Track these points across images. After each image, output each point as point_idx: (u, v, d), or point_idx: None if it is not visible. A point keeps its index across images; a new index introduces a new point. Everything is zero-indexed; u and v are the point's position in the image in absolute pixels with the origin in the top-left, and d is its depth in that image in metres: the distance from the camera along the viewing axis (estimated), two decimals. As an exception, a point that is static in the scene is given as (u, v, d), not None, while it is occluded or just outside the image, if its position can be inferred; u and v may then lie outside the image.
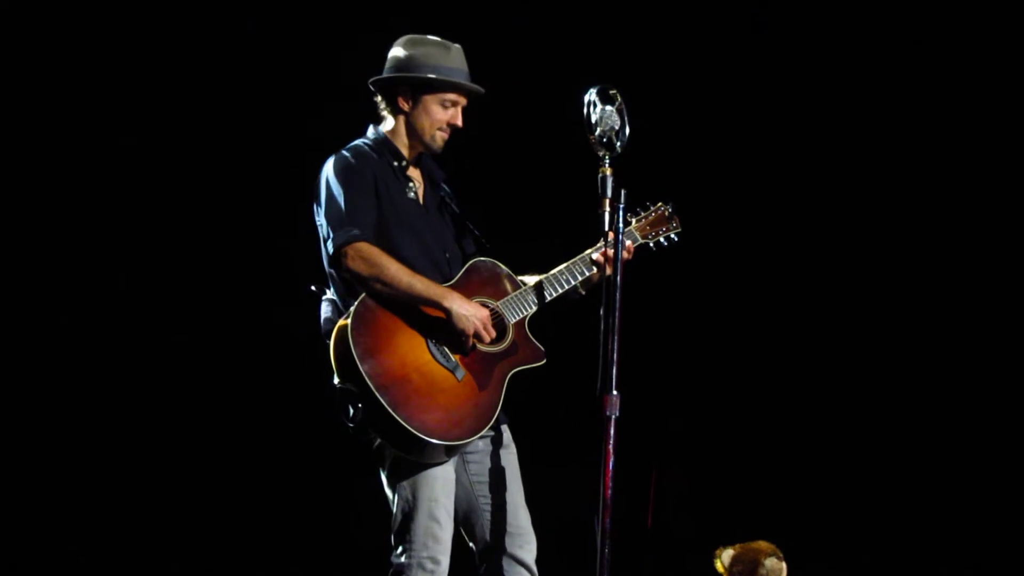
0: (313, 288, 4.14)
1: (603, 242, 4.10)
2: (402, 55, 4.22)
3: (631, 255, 4.36)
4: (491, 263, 4.26)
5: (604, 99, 3.90)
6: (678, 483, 6.28)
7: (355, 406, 3.93)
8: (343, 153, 4.20)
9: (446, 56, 4.21)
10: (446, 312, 4.02)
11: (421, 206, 4.26)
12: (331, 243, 4.04)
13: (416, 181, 4.29)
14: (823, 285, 6.46)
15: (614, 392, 3.75)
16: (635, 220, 4.44)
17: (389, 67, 4.25)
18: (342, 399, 3.97)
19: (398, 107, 4.24)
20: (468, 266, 4.22)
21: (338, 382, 3.97)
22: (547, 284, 4.23)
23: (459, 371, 4.04)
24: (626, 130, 3.89)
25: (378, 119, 4.31)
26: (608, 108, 3.89)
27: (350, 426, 3.96)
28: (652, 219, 4.46)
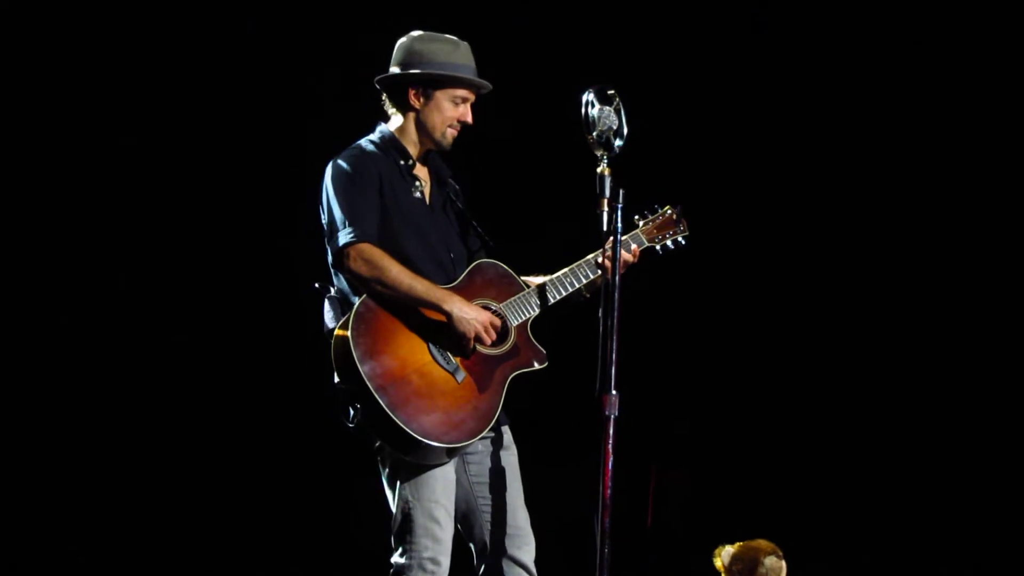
0: (316, 286, 4.12)
1: (608, 245, 4.01)
2: (412, 51, 4.16)
3: (637, 259, 4.33)
4: (495, 264, 4.23)
5: (602, 99, 3.89)
6: (678, 482, 6.28)
7: (354, 407, 3.92)
8: (349, 152, 4.16)
9: (456, 52, 4.18)
10: (447, 315, 4.00)
11: (427, 205, 4.23)
12: (334, 243, 4.02)
13: (422, 180, 4.25)
14: (824, 287, 6.46)
15: (613, 392, 3.73)
16: (642, 223, 4.40)
17: (398, 63, 4.19)
18: (342, 399, 3.96)
19: (408, 104, 4.19)
20: (472, 267, 4.19)
21: (338, 382, 3.96)
22: (551, 287, 4.20)
23: (459, 373, 4.02)
24: (624, 130, 3.88)
25: (385, 117, 4.27)
26: (606, 108, 3.87)
27: (349, 426, 3.96)
28: (659, 222, 4.41)
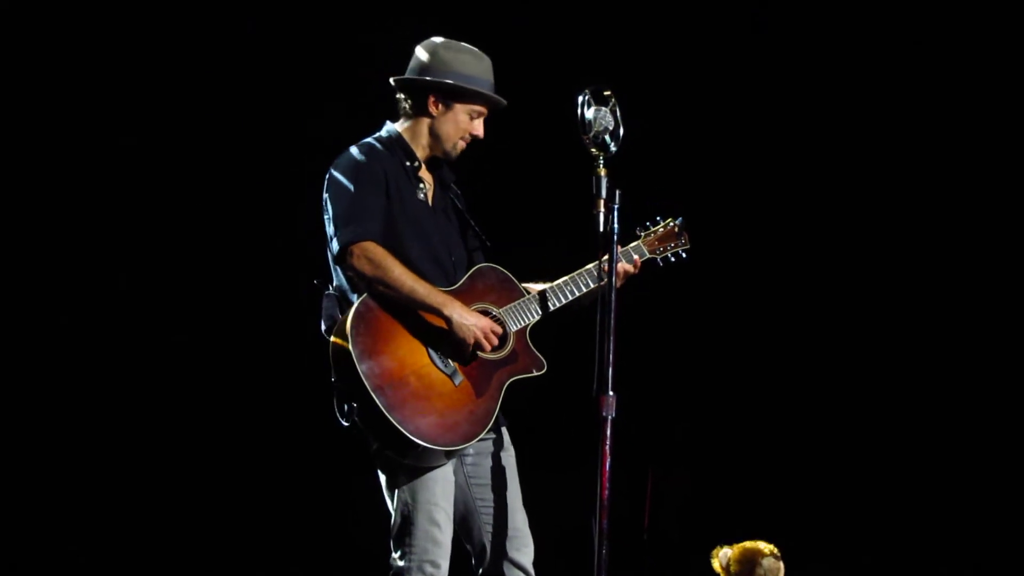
0: (316, 282, 4.10)
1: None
2: (438, 58, 4.12)
3: (638, 270, 4.32)
4: (496, 269, 4.21)
5: (598, 100, 3.86)
6: (676, 484, 6.28)
7: (350, 405, 3.92)
8: (356, 149, 4.13)
9: (480, 66, 4.16)
10: (447, 320, 3.98)
11: (430, 208, 4.21)
12: (337, 240, 3.99)
13: (427, 183, 4.23)
14: (822, 288, 6.44)
15: (610, 393, 3.72)
16: (643, 235, 4.38)
17: (421, 68, 4.14)
18: (338, 397, 3.97)
19: (426, 109, 4.16)
20: (473, 271, 4.18)
21: (335, 380, 3.96)
22: (551, 294, 4.19)
23: (457, 377, 4.01)
24: (620, 130, 3.86)
25: (394, 116, 4.24)
26: (602, 109, 3.85)
27: (344, 424, 3.96)
28: (661, 234, 4.38)
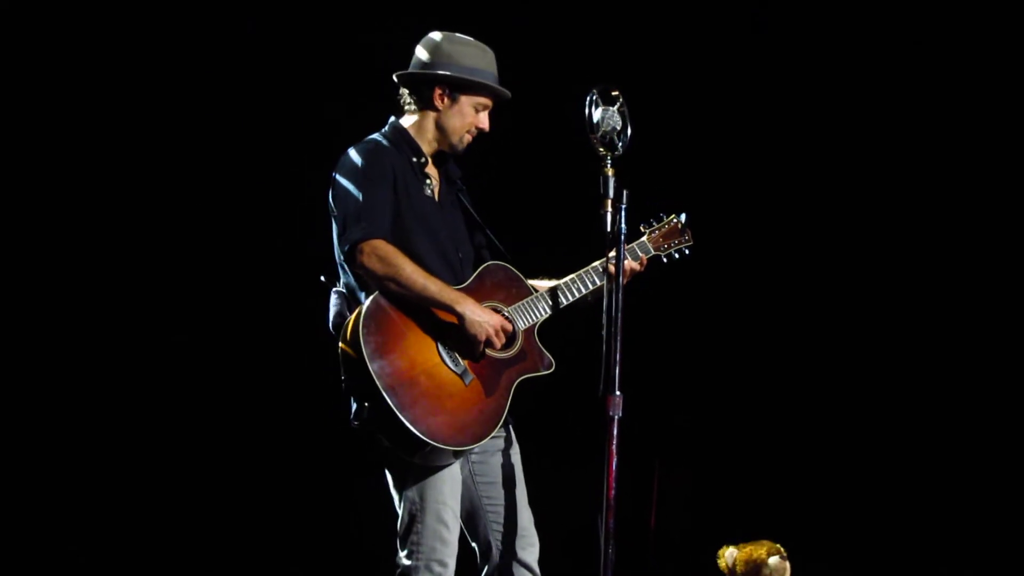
0: (323, 279, 4.09)
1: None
2: (442, 51, 4.11)
3: (644, 267, 4.32)
4: (504, 267, 4.21)
5: (605, 99, 3.86)
6: (682, 483, 6.28)
7: (361, 405, 3.92)
8: (362, 145, 4.11)
9: (484, 58, 4.15)
10: (459, 317, 3.98)
11: (437, 204, 4.20)
12: (346, 238, 3.97)
13: (433, 178, 4.21)
14: (826, 285, 6.44)
15: (617, 393, 3.71)
16: (648, 232, 4.38)
17: (424, 61, 4.14)
18: (348, 397, 3.95)
19: (431, 103, 4.15)
20: (481, 269, 4.17)
21: (345, 379, 3.95)
22: (559, 292, 4.18)
23: (467, 376, 4.01)
24: (628, 130, 3.86)
25: (398, 111, 4.22)
26: (609, 108, 3.85)
27: (355, 424, 3.95)
28: (665, 231, 4.39)
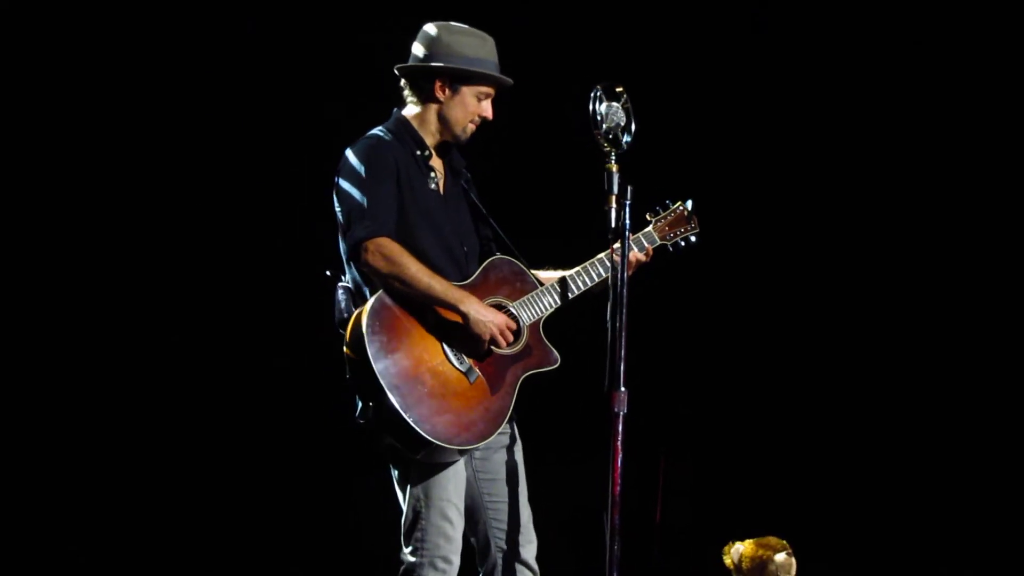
0: (328, 274, 4.09)
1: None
2: (440, 42, 4.09)
3: (650, 258, 4.30)
4: (510, 261, 4.19)
5: (610, 96, 3.86)
6: (687, 478, 6.26)
7: (366, 403, 3.91)
8: (366, 141, 4.10)
9: (483, 47, 4.13)
10: (464, 316, 3.97)
11: (441, 197, 4.18)
12: (351, 235, 3.96)
13: (438, 171, 4.20)
14: (832, 279, 6.42)
15: (622, 389, 3.70)
16: (654, 220, 4.35)
17: (424, 53, 4.11)
18: (353, 395, 3.95)
19: (432, 95, 4.13)
20: (486, 264, 4.15)
21: (349, 378, 3.94)
22: (564, 284, 4.17)
23: (472, 374, 4.00)
24: (632, 126, 3.85)
25: (401, 104, 4.21)
26: (614, 105, 3.85)
27: (360, 422, 3.95)
28: (671, 219, 4.36)
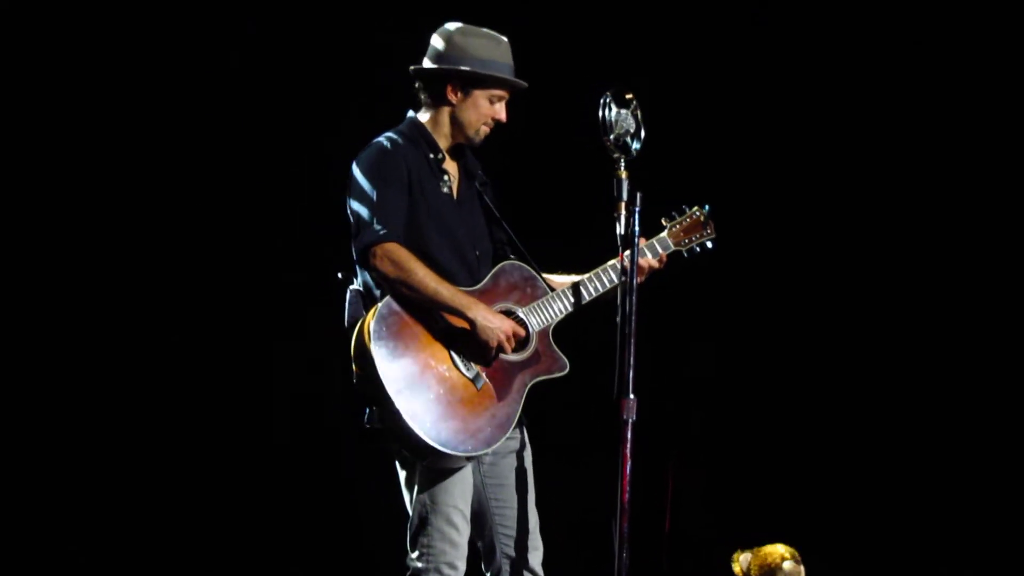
0: (340, 276, 4.09)
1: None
2: (453, 45, 4.09)
3: (664, 264, 4.28)
4: (520, 267, 4.18)
5: (619, 102, 3.85)
6: (696, 485, 6.24)
7: (372, 408, 3.91)
8: (378, 143, 4.10)
9: (497, 49, 4.12)
10: (471, 323, 3.97)
11: (454, 201, 4.17)
12: (359, 240, 3.96)
13: (451, 175, 4.19)
14: (843, 287, 6.38)
15: (631, 396, 3.68)
16: (669, 225, 4.34)
17: (437, 56, 4.12)
18: (359, 399, 3.95)
19: (445, 98, 4.12)
20: (496, 269, 4.14)
21: (356, 382, 3.95)
22: (575, 290, 4.15)
23: (479, 380, 3.99)
24: (641, 133, 3.84)
25: (415, 106, 4.21)
26: (623, 111, 3.83)
27: (366, 426, 3.95)
28: (687, 225, 4.34)
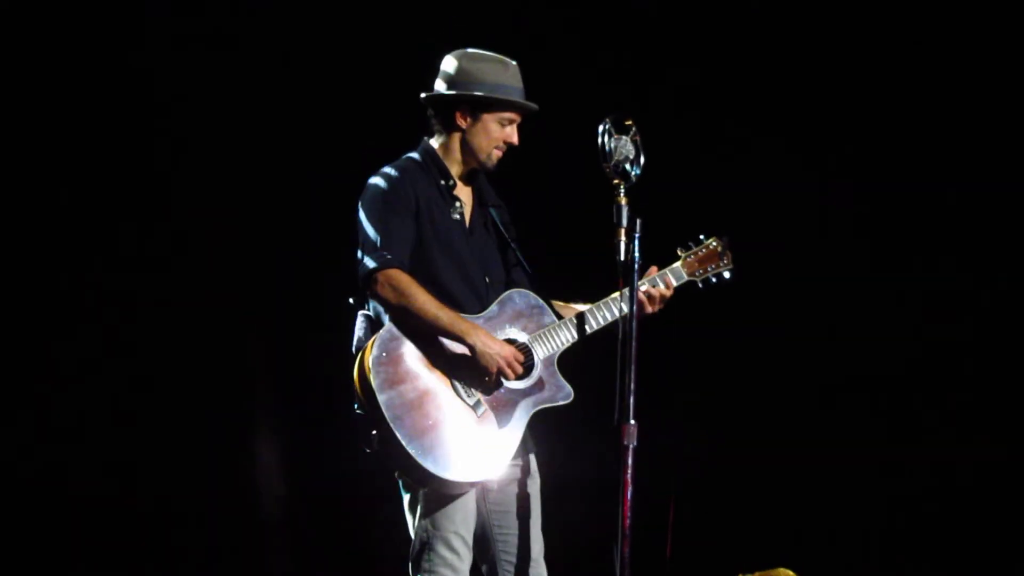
0: (352, 301, 4.10)
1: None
2: (461, 70, 4.12)
3: (671, 292, 4.25)
4: (527, 295, 4.18)
5: (619, 128, 3.86)
6: (697, 511, 6.23)
7: (371, 433, 3.92)
8: (388, 170, 4.12)
9: (505, 73, 4.14)
10: (470, 348, 3.97)
11: (466, 228, 4.18)
12: (363, 266, 3.99)
13: (463, 201, 4.20)
14: (842, 316, 6.34)
15: (632, 421, 3.68)
16: (684, 255, 4.32)
17: (446, 81, 4.15)
18: (361, 425, 3.96)
19: (455, 124, 4.15)
20: (503, 297, 4.14)
21: (356, 407, 3.96)
22: (581, 320, 4.14)
23: (480, 407, 4.00)
24: (641, 159, 3.85)
25: (429, 132, 4.23)
26: (623, 137, 3.85)
27: (367, 451, 3.96)
28: (702, 255, 4.32)
